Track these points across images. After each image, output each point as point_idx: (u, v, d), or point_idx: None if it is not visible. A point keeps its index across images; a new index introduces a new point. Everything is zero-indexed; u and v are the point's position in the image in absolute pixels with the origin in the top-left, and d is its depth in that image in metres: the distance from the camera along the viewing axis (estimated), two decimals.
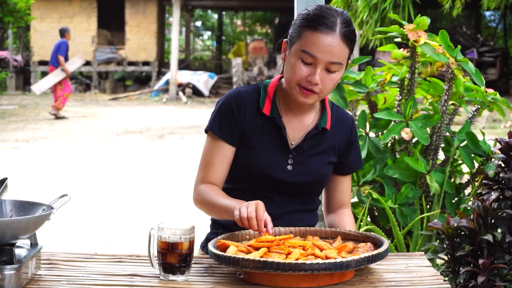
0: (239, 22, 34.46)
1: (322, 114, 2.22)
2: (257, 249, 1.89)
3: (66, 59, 14.33)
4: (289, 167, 2.17)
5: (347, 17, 2.09)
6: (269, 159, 2.16)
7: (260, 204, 1.95)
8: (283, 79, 2.21)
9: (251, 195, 2.17)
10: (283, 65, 2.17)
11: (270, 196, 2.19)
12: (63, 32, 14.49)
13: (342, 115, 2.28)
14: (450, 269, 2.62)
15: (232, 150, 2.18)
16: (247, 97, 2.19)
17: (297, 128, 2.20)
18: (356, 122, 3.39)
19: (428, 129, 3.27)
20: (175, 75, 19.60)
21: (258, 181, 2.18)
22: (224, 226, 2.23)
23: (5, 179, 2.00)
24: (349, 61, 2.16)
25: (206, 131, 2.23)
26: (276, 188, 2.19)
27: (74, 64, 15.02)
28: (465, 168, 3.35)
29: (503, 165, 2.69)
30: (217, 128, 2.18)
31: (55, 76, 14.34)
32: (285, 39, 2.16)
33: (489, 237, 2.49)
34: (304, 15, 2.10)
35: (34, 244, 1.89)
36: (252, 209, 1.92)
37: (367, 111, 3.40)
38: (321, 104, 2.25)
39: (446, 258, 2.64)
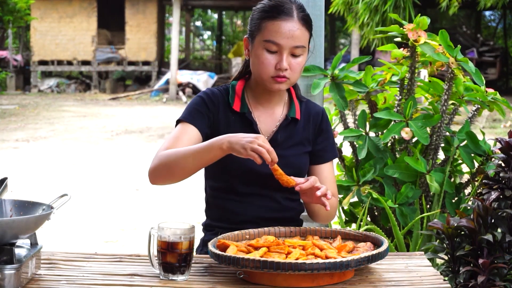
0: (239, 22, 34.45)
1: (291, 105, 2.28)
2: (257, 248, 1.89)
3: None
4: None
5: (301, 3, 2.20)
6: None
7: (261, 136, 1.97)
8: (250, 79, 2.28)
9: (234, 193, 2.21)
10: (249, 61, 2.24)
11: (255, 192, 2.22)
12: None
13: (312, 107, 2.33)
14: (450, 269, 2.62)
15: (199, 137, 2.17)
16: (219, 95, 2.25)
17: (269, 121, 2.26)
18: (356, 122, 3.39)
19: (428, 129, 3.27)
20: (175, 74, 19.60)
21: (240, 177, 2.20)
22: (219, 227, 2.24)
23: (5, 179, 2.00)
24: (310, 47, 2.22)
25: (177, 123, 2.22)
26: (258, 183, 2.21)
27: None
28: (465, 168, 3.35)
29: (503, 164, 2.69)
30: (187, 115, 2.20)
31: None
32: (245, 36, 2.24)
33: (489, 236, 2.49)
34: (261, 8, 2.19)
35: (34, 244, 1.89)
36: (262, 141, 1.94)
37: (367, 110, 3.40)
38: (289, 96, 2.30)
39: (446, 257, 2.64)
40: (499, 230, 2.56)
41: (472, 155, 3.23)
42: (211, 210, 2.30)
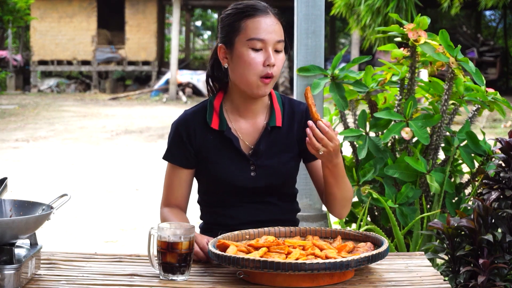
0: None
1: (271, 113, 2.23)
2: (257, 248, 1.89)
3: None
4: (253, 174, 2.18)
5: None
6: (231, 171, 2.18)
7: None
8: (229, 90, 2.24)
9: (228, 206, 2.22)
10: (213, 73, 2.25)
11: (249, 200, 2.21)
12: None
13: (296, 107, 2.27)
14: (450, 269, 2.62)
15: (189, 172, 2.25)
16: (194, 119, 2.24)
17: (251, 132, 2.22)
18: (356, 122, 3.39)
19: (428, 129, 3.27)
20: (175, 74, 19.60)
21: (228, 193, 2.20)
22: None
23: (5, 179, 2.00)
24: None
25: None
26: (247, 195, 2.20)
27: None
28: (465, 168, 3.35)
29: (503, 164, 2.69)
30: (170, 156, 2.26)
31: None
32: (219, 45, 2.20)
33: (489, 236, 2.49)
34: (233, 12, 2.17)
35: (33, 244, 1.88)
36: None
37: (367, 110, 3.40)
38: (270, 103, 2.26)
39: (446, 257, 2.64)
40: (499, 230, 2.56)
41: (472, 155, 3.23)
42: (206, 216, 2.30)
